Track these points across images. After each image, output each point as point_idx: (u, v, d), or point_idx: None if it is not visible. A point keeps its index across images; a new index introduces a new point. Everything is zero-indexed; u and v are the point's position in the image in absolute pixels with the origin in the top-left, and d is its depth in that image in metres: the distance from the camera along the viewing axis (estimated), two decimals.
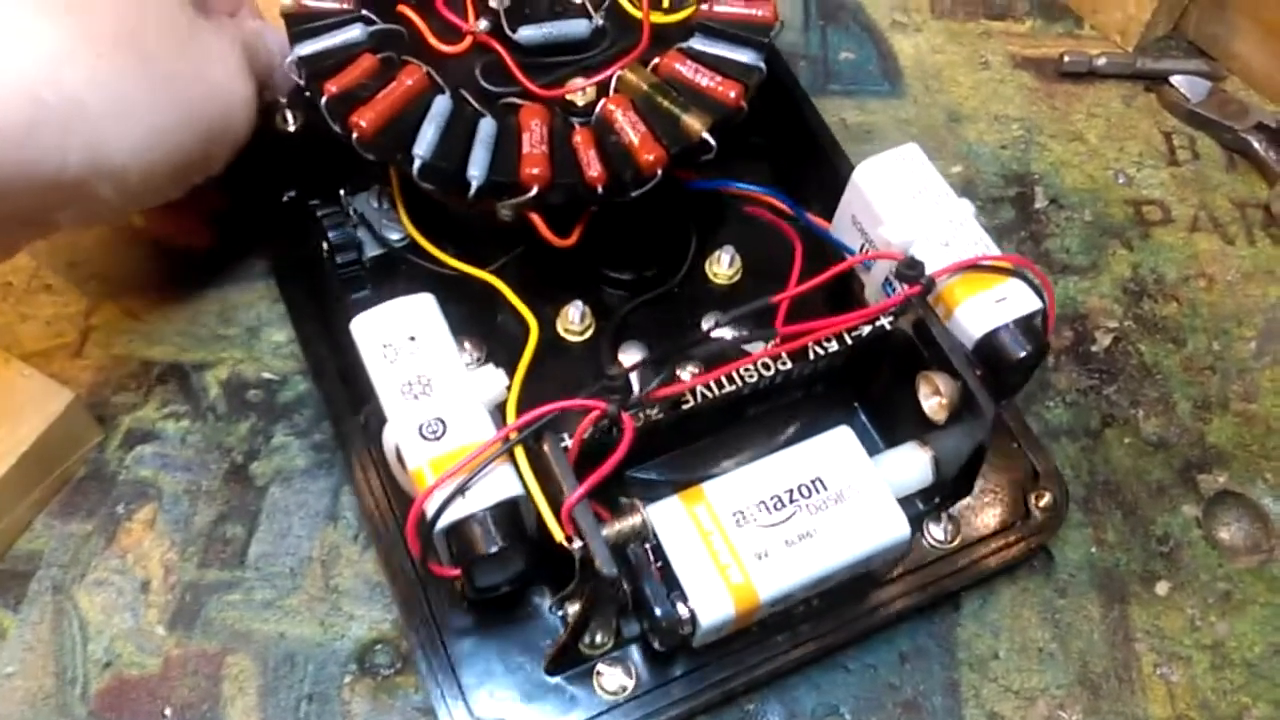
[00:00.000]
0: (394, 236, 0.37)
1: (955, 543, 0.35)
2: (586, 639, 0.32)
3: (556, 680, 0.32)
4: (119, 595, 0.35)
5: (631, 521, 0.29)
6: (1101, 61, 0.48)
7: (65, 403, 0.35)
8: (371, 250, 0.38)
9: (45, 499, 0.36)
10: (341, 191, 0.38)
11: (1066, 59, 0.48)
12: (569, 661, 0.32)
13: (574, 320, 0.34)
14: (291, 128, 0.38)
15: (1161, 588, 0.37)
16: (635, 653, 0.32)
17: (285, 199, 0.39)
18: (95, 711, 0.33)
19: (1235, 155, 0.47)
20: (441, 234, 0.36)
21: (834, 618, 0.33)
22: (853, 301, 0.36)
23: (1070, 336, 0.42)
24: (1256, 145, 0.46)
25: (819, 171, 0.39)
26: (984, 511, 0.36)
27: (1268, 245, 0.45)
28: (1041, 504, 0.36)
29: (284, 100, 0.38)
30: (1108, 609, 0.36)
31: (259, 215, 0.39)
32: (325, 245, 0.37)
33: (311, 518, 0.36)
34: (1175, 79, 0.48)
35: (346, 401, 0.35)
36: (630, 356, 0.34)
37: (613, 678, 0.32)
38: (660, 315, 0.35)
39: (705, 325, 0.34)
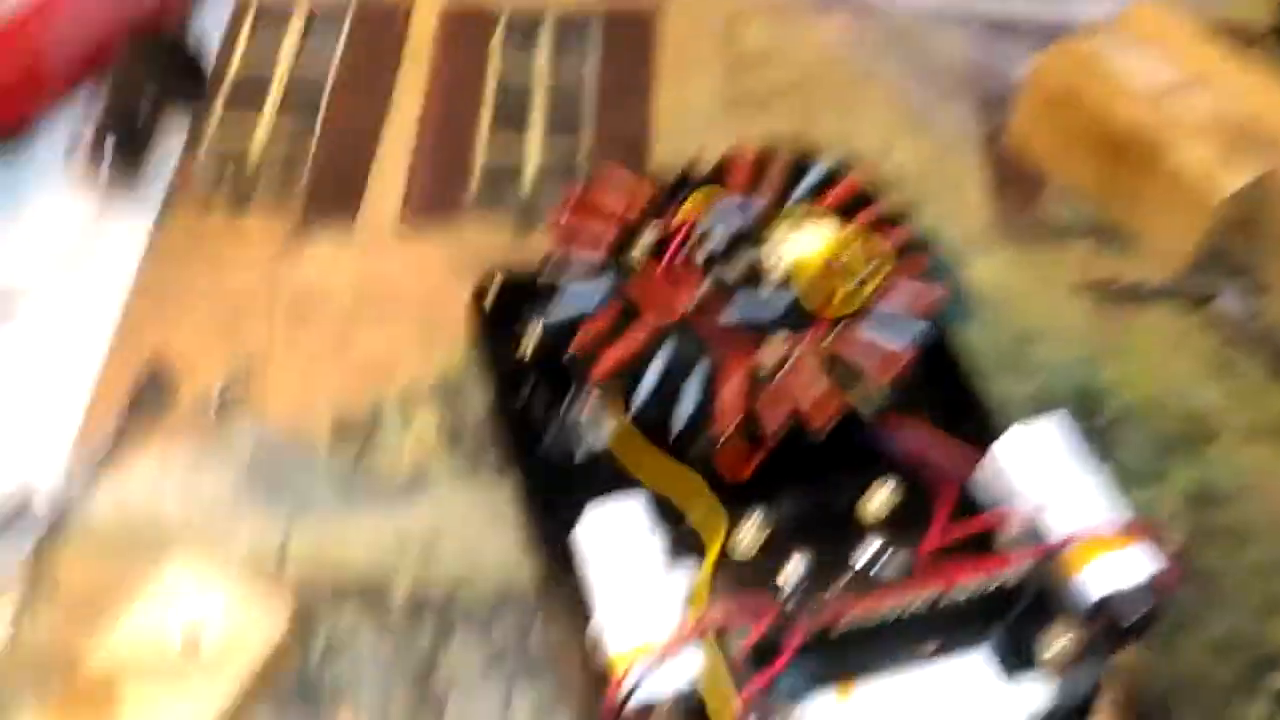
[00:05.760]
0: (600, 441, 0.46)
1: None
2: None
3: None
4: None
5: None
6: (1154, 284, 0.53)
7: (288, 618, 0.42)
8: (583, 451, 0.46)
9: (258, 703, 0.42)
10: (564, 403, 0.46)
11: (1122, 282, 0.53)
12: None
13: (745, 541, 0.41)
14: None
15: None
16: None
17: (519, 404, 0.48)
18: None
19: None
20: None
21: None
22: (991, 544, 0.41)
23: None
24: None
25: (968, 410, 0.45)
26: None
27: None
28: None
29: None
30: None
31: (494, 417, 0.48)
32: (544, 442, 0.46)
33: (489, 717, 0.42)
34: (1222, 299, 0.52)
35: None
36: (794, 564, 0.40)
37: None
38: (824, 531, 0.41)
39: (862, 557, 0.40)
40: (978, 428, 0.43)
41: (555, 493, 0.45)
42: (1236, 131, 0.53)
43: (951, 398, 0.46)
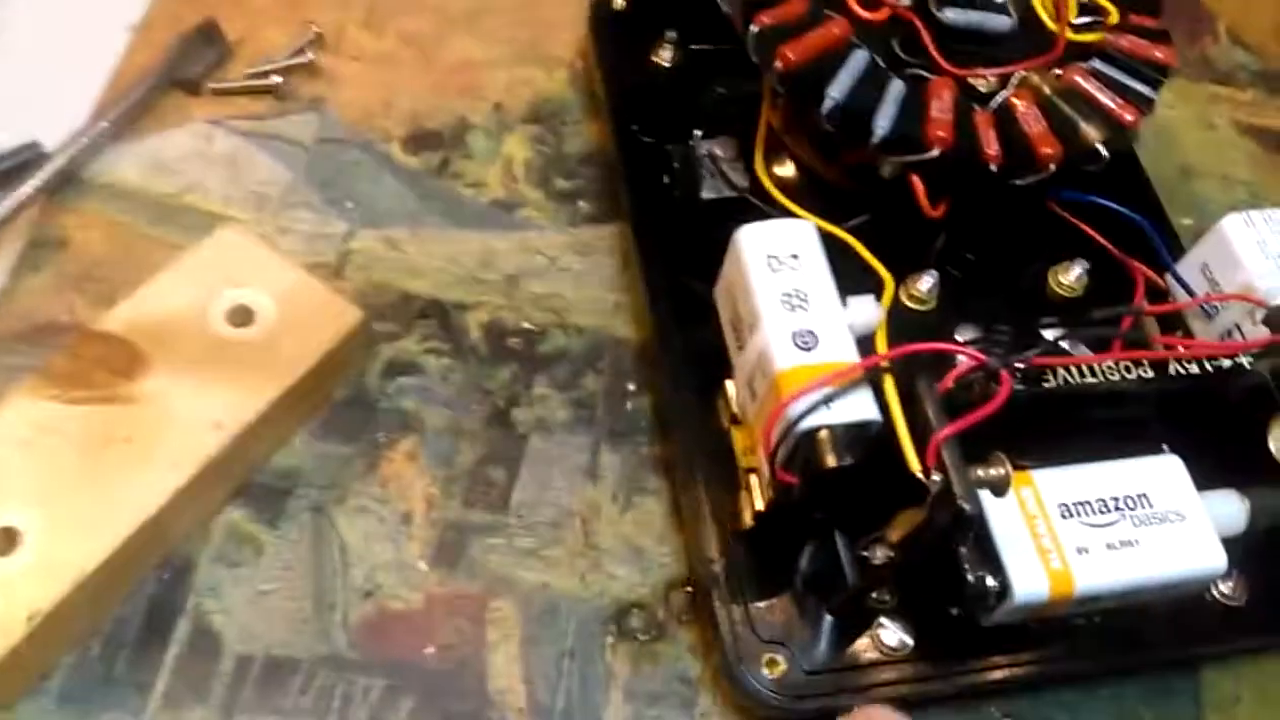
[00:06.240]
0: (740, 182, 0.39)
1: (1236, 604, 0.34)
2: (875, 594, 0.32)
3: (836, 623, 0.32)
4: (380, 524, 0.34)
5: (997, 471, 0.29)
6: None
7: (356, 321, 0.35)
8: (712, 193, 0.39)
9: (310, 415, 0.35)
10: (696, 133, 0.40)
11: None
12: (855, 609, 0.32)
13: (922, 289, 0.35)
14: (667, 63, 0.40)
15: None
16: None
17: (639, 131, 0.41)
18: (355, 642, 0.32)
19: None
20: (786, 192, 0.38)
21: (1111, 642, 0.33)
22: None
23: None
24: None
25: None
26: (1273, 581, 0.35)
27: None
28: None
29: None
30: None
31: (609, 147, 0.41)
32: (670, 180, 0.39)
33: (571, 472, 0.36)
34: None
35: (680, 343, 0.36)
36: (976, 329, 0.35)
37: (893, 634, 0.32)
38: (1001, 308, 0.36)
39: (1050, 323, 0.35)
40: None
41: (672, 237, 0.38)
42: None
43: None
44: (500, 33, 0.46)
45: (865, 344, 0.31)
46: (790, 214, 0.37)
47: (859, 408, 0.30)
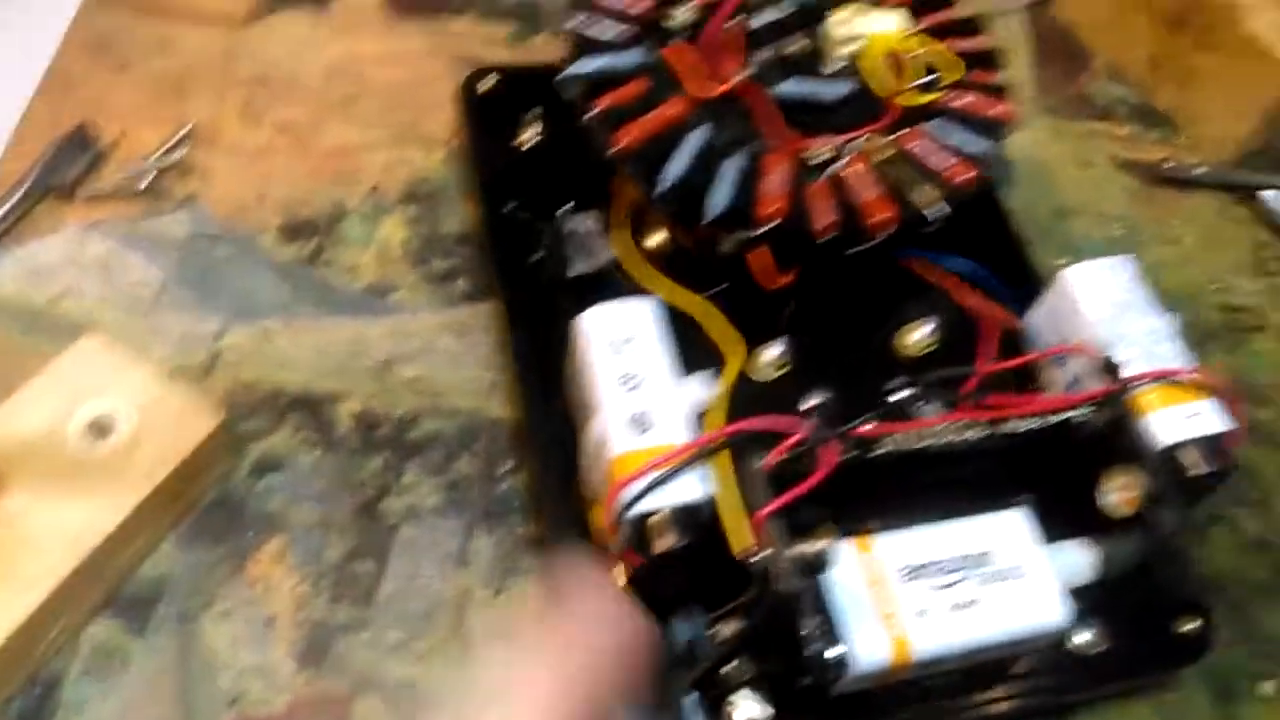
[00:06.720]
0: (602, 257, 0.40)
1: (1097, 650, 0.35)
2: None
3: (700, 697, 0.32)
4: (247, 627, 0.34)
5: (818, 545, 0.30)
6: (1199, 171, 0.50)
7: (210, 427, 0.35)
8: (579, 268, 0.40)
9: (174, 523, 0.36)
10: (559, 211, 0.40)
11: (1166, 165, 0.50)
12: (711, 683, 0.33)
13: (768, 359, 0.36)
14: (534, 141, 0.41)
15: (1268, 687, 0.37)
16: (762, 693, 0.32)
17: (506, 210, 0.41)
18: None
19: None
20: (657, 261, 0.39)
21: (962, 699, 0.33)
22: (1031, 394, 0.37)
23: None
24: None
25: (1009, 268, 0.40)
26: (1128, 626, 0.35)
27: None
28: (1186, 629, 0.35)
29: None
30: (1216, 706, 0.36)
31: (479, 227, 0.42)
32: (539, 256, 0.39)
33: (442, 559, 0.36)
34: (1266, 193, 0.50)
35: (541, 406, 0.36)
36: (821, 394, 0.35)
37: (749, 707, 0.32)
38: (849, 373, 0.36)
39: (897, 385, 0.35)
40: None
41: (543, 314, 0.39)
42: None
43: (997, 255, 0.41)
44: (378, 116, 0.46)
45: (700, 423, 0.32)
46: (657, 285, 0.38)
47: (687, 490, 0.30)
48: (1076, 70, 0.54)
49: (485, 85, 0.44)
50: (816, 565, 0.30)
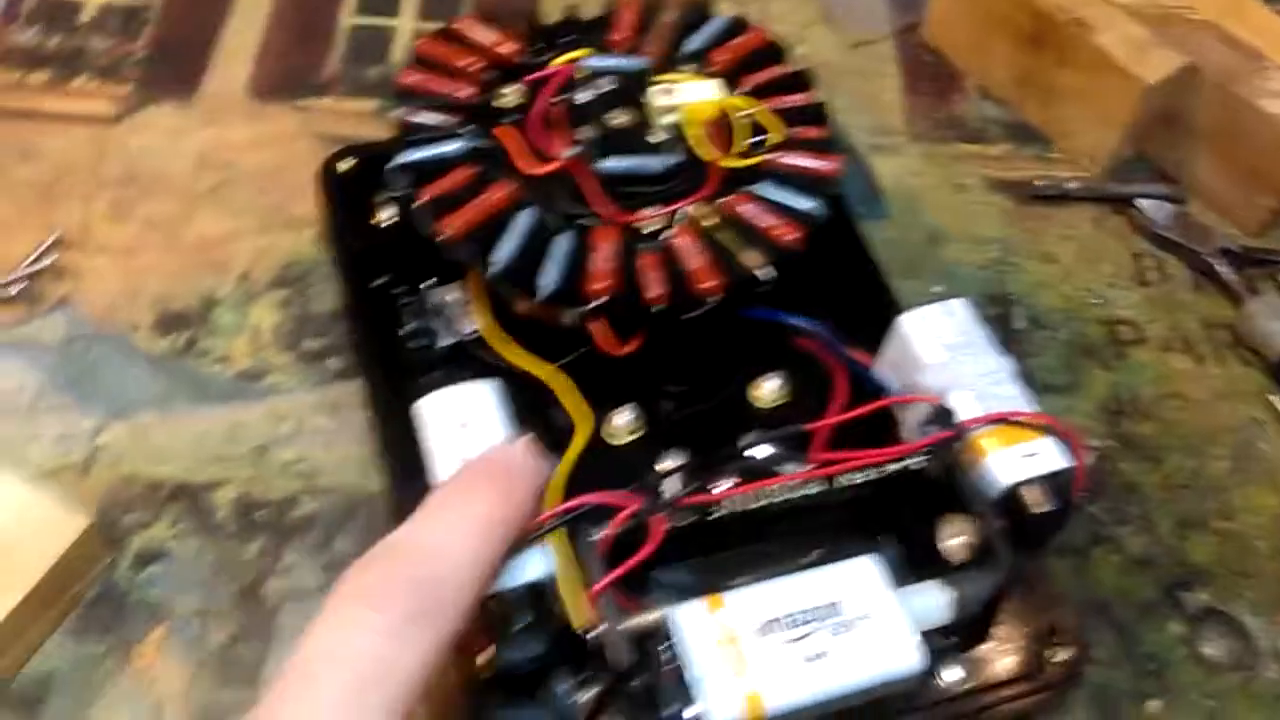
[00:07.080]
0: (466, 329, 0.40)
1: (968, 687, 0.35)
2: None
3: None
4: (135, 717, 0.35)
5: (652, 617, 0.30)
6: (1072, 185, 0.51)
7: (80, 529, 0.36)
8: (445, 340, 0.41)
9: (57, 621, 0.37)
10: (423, 285, 0.41)
11: (1039, 182, 0.51)
12: None
13: (621, 424, 0.37)
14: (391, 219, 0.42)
15: (1153, 706, 0.38)
16: None
17: (372, 286, 0.42)
18: None
19: (1201, 276, 0.49)
20: (515, 331, 0.39)
21: None
22: (890, 439, 0.37)
23: None
24: (1220, 268, 0.48)
25: (872, 310, 0.41)
26: (1001, 659, 0.36)
27: (1236, 365, 0.46)
28: (1057, 659, 0.36)
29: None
30: None
31: (347, 302, 0.42)
32: (409, 330, 0.40)
33: None
34: (1142, 203, 0.50)
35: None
36: (671, 464, 0.36)
37: None
38: (705, 430, 0.37)
39: (742, 443, 0.36)
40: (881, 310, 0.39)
41: (411, 391, 0.39)
42: (1163, 18, 0.50)
43: (859, 294, 0.42)
44: (247, 202, 0.47)
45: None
46: (514, 355, 0.38)
47: (532, 568, 0.31)
48: (948, 92, 0.55)
49: (345, 165, 0.44)
50: (655, 636, 0.30)
